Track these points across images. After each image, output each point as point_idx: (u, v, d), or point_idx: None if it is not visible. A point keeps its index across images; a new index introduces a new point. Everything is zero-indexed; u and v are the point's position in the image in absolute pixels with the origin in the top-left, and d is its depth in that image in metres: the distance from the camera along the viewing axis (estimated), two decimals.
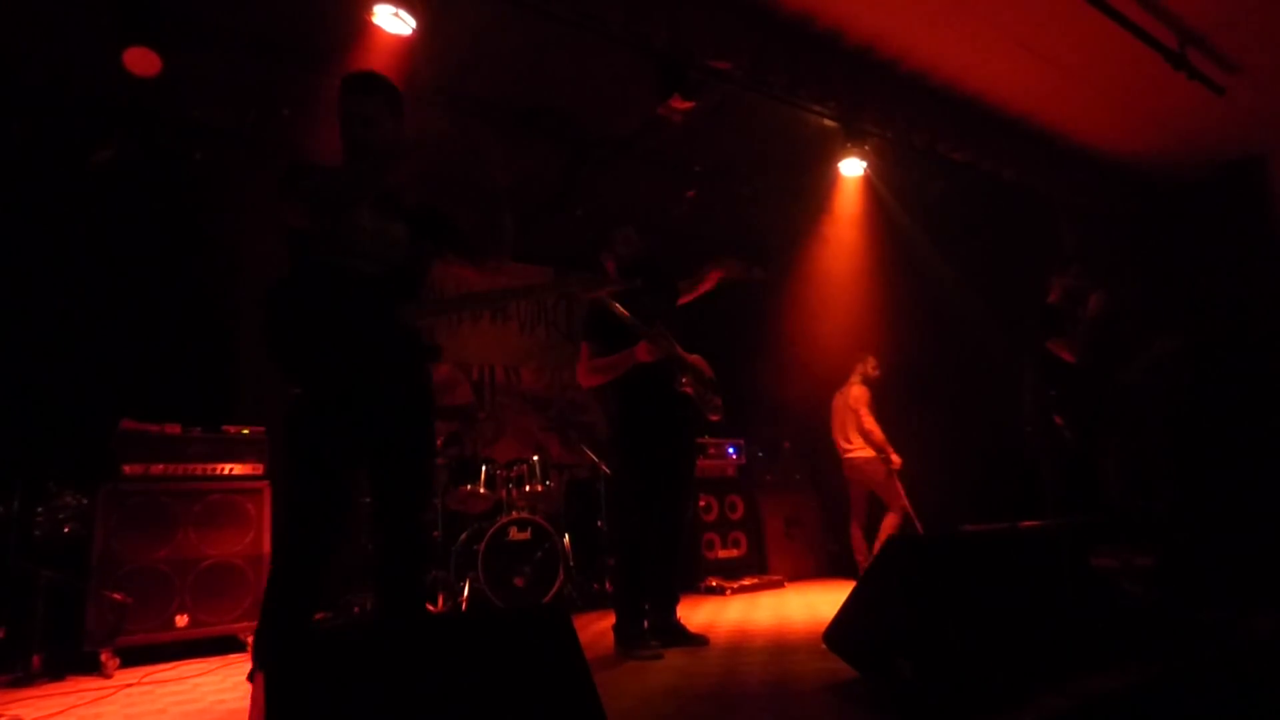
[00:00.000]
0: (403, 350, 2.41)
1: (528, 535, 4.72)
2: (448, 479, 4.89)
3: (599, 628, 3.94)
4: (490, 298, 3.18)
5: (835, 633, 2.57)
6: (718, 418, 3.73)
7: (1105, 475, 4.19)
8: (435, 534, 4.86)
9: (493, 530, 4.57)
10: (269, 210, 2.39)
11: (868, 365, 5.96)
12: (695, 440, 3.95)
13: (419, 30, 3.67)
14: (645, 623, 3.44)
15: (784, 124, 5.00)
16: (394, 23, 3.64)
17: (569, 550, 5.06)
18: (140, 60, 3.69)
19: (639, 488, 3.47)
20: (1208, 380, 5.48)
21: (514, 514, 4.77)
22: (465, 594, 4.51)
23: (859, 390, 5.86)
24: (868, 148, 4.99)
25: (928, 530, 5.45)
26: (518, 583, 4.58)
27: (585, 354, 3.58)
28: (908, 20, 4.23)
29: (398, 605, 2.34)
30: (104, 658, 3.57)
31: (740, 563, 6.07)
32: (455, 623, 2.29)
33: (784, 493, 6.60)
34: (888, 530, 5.56)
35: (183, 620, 3.84)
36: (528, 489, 5.02)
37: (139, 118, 4.61)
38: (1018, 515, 3.82)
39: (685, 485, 3.66)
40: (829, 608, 2.99)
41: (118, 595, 3.64)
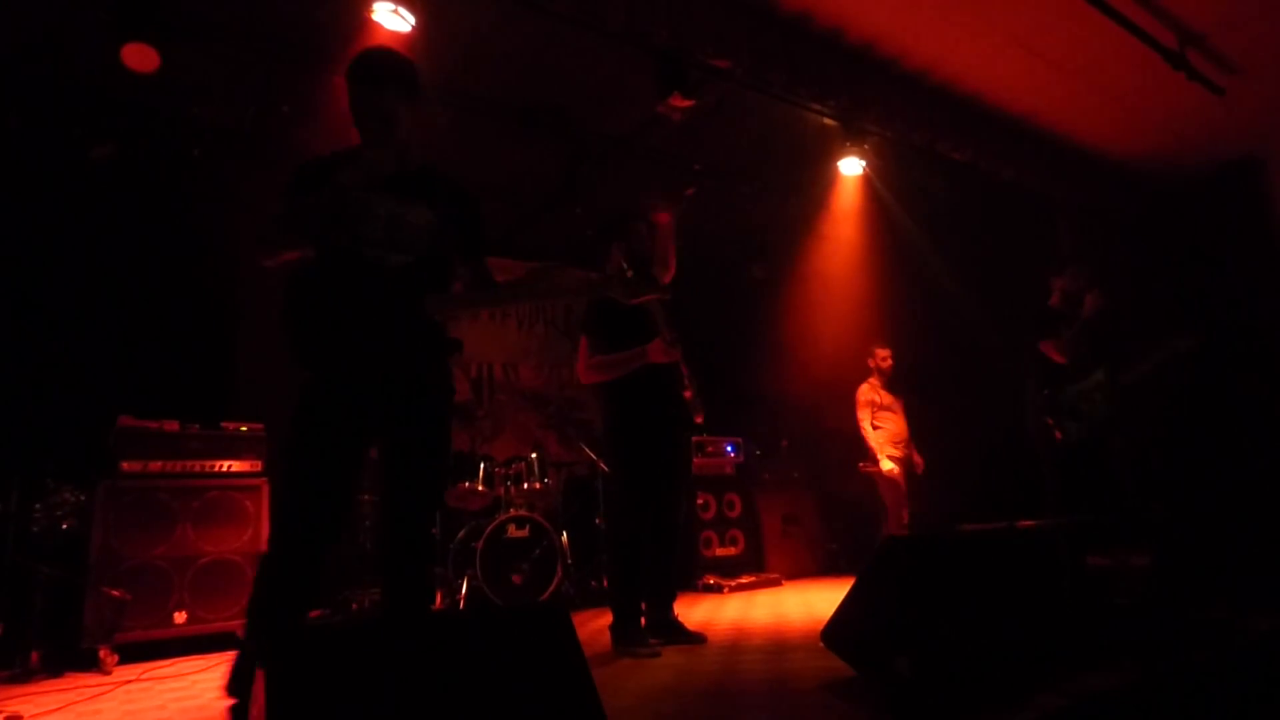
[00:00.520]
0: (424, 344, 2.28)
1: (526, 533, 4.72)
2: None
3: (597, 625, 3.94)
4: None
5: (833, 631, 2.58)
6: (701, 419, 3.70)
7: (1104, 475, 4.20)
8: (434, 531, 4.87)
9: (491, 527, 4.57)
10: (269, 208, 2.30)
11: (875, 357, 5.74)
12: (690, 438, 3.91)
13: (418, 27, 3.67)
14: (643, 620, 3.44)
15: (783, 122, 5.01)
16: (394, 20, 3.65)
17: (567, 548, 5.06)
18: (139, 56, 3.68)
19: (634, 486, 3.45)
20: (1208, 380, 5.50)
21: (512, 511, 4.78)
22: (463, 591, 4.51)
23: (862, 387, 5.70)
24: (867, 147, 5.00)
25: (925, 531, 5.45)
26: (516, 580, 4.58)
27: (585, 349, 3.53)
28: (908, 19, 4.24)
29: (406, 602, 2.28)
30: (103, 654, 3.57)
31: (738, 561, 6.07)
32: (453, 620, 2.29)
33: (782, 491, 6.60)
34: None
35: (181, 617, 3.84)
36: (526, 486, 5.02)
37: (137, 114, 4.60)
38: (1016, 514, 3.82)
39: (681, 482, 3.65)
40: (826, 606, 3.00)
41: (116, 592, 3.64)
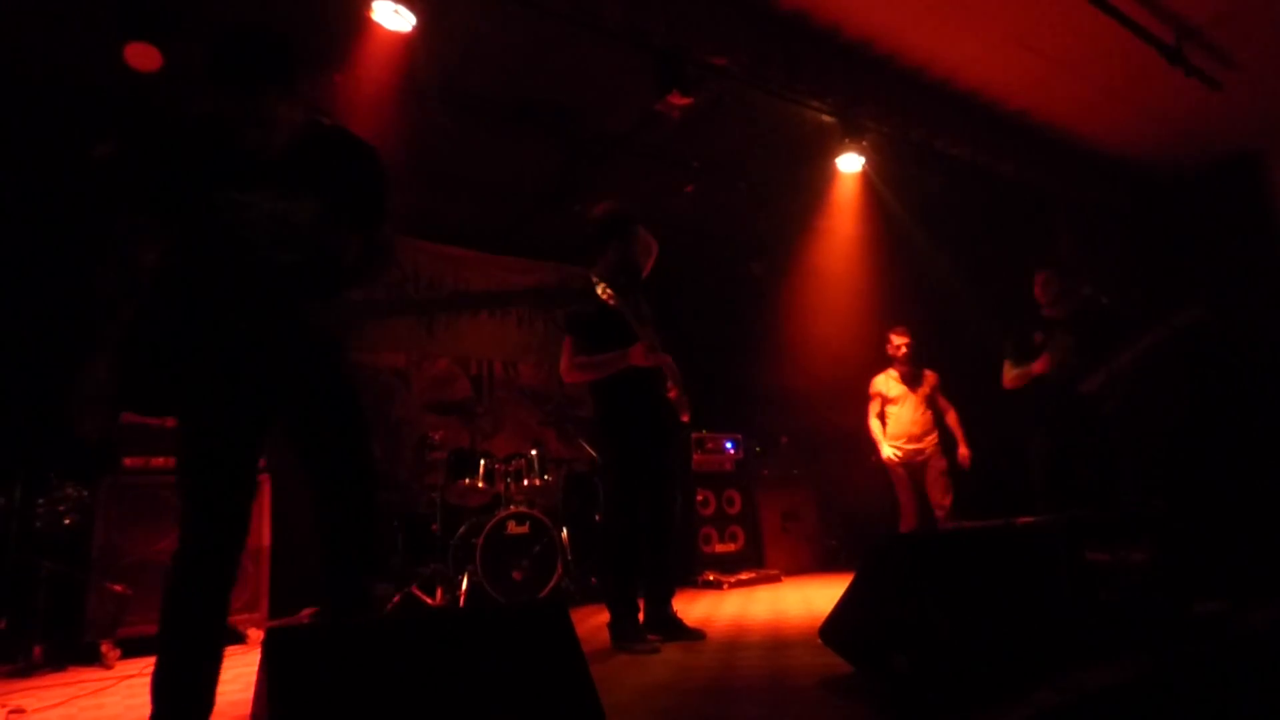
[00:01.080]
0: (313, 356, 2.00)
1: (526, 529, 4.73)
2: (446, 473, 4.92)
3: (596, 621, 3.95)
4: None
5: (831, 627, 2.59)
6: (687, 417, 3.69)
7: (1101, 473, 4.21)
8: (434, 527, 4.89)
9: (491, 524, 4.58)
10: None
11: (890, 344, 5.47)
12: (679, 434, 3.92)
13: (418, 27, 3.66)
14: (641, 616, 3.46)
15: (782, 119, 5.01)
16: (394, 19, 3.64)
17: (567, 544, 5.07)
18: (141, 55, 3.69)
19: (624, 483, 3.46)
20: (1204, 375, 5.51)
21: (512, 508, 4.79)
22: (463, 588, 4.52)
23: (876, 377, 5.55)
24: (865, 143, 5.00)
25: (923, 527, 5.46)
26: (516, 576, 4.60)
27: (569, 349, 3.54)
28: (905, 16, 4.24)
29: (345, 598, 2.13)
30: (105, 649, 3.59)
31: (737, 557, 6.10)
32: (453, 616, 2.31)
33: (781, 487, 6.62)
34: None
35: None
36: (526, 483, 5.04)
37: (140, 113, 4.60)
38: (1013, 511, 3.83)
39: (673, 479, 3.65)
40: (825, 602, 3.01)
41: (118, 587, 3.66)
